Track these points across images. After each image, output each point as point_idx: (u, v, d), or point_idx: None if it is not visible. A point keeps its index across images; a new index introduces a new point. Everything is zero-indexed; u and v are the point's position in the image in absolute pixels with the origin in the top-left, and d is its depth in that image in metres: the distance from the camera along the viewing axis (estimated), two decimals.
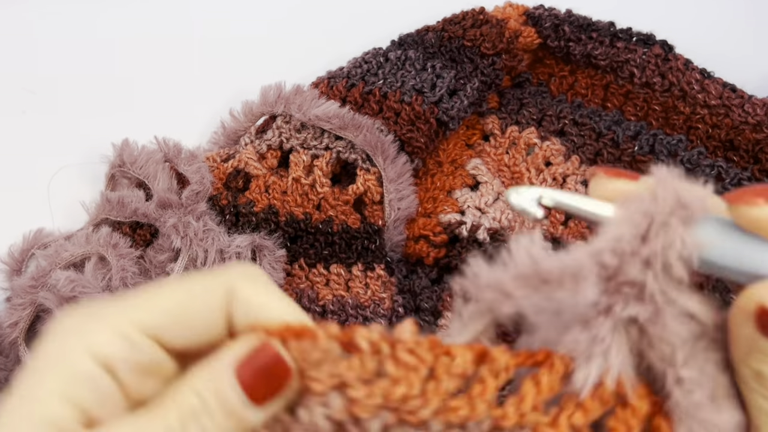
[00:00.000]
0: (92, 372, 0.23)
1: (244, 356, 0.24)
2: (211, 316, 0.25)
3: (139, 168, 0.50)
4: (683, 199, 0.24)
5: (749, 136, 0.51)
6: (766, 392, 0.25)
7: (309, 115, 0.52)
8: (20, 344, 0.44)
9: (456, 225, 0.54)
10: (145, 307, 0.24)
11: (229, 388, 0.23)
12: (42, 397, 0.22)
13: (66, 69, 0.64)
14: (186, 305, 0.25)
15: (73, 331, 0.24)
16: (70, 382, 0.23)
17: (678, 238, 0.24)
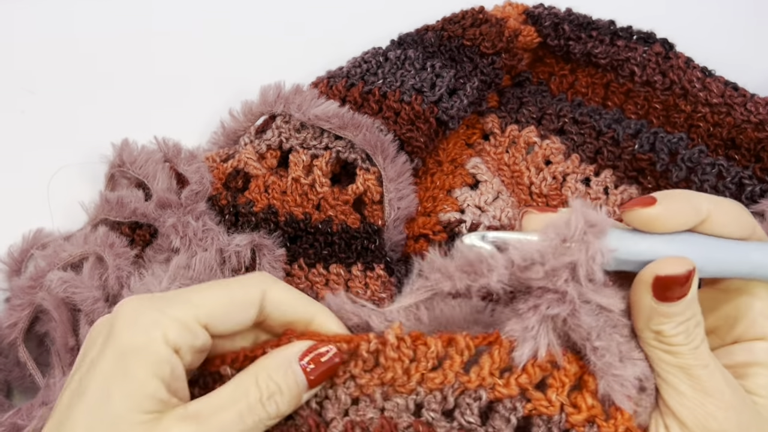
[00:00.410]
0: (170, 356, 0.32)
1: (307, 351, 0.34)
2: (247, 313, 0.34)
3: (138, 168, 0.50)
4: (591, 220, 0.33)
5: (751, 135, 0.51)
6: (665, 346, 0.34)
7: (308, 115, 0.52)
8: (19, 345, 0.44)
9: (456, 224, 0.54)
10: (201, 304, 0.33)
11: (296, 375, 0.33)
12: (140, 377, 0.30)
13: (65, 69, 0.64)
14: (230, 302, 0.34)
15: (153, 324, 0.32)
16: (156, 363, 0.31)
17: (596, 248, 0.32)
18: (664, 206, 0.34)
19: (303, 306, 0.36)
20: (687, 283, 0.33)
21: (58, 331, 0.43)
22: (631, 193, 0.54)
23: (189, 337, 0.32)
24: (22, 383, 0.46)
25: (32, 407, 0.42)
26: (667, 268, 0.33)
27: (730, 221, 0.35)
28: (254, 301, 0.34)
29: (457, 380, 0.34)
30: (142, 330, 0.31)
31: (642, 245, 0.35)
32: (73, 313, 0.43)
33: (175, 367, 0.32)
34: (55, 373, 0.43)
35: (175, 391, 0.32)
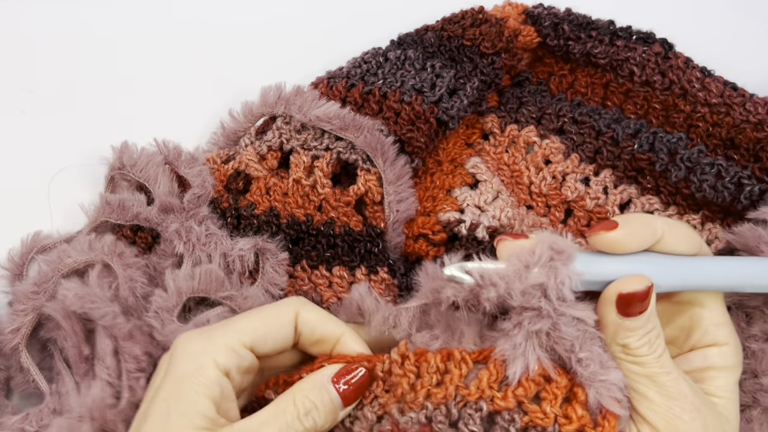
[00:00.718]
0: (219, 378, 0.36)
1: (338, 373, 0.39)
2: (285, 332, 0.40)
3: (139, 171, 0.50)
4: (558, 247, 0.37)
5: (750, 135, 0.51)
6: (632, 358, 0.38)
7: (309, 116, 0.52)
8: (22, 350, 0.44)
9: (455, 223, 0.54)
10: (243, 330, 0.38)
11: (330, 394, 0.38)
12: (193, 398, 0.35)
13: (65, 70, 0.64)
14: (268, 324, 0.39)
15: (203, 351, 0.37)
16: (207, 386, 0.36)
17: (564, 273, 0.36)
18: (624, 230, 0.38)
19: (331, 325, 0.41)
20: (646, 299, 0.38)
21: (69, 341, 0.43)
22: (630, 193, 0.54)
23: (236, 359, 0.38)
24: (25, 389, 0.46)
25: (41, 413, 0.42)
26: (628, 286, 0.37)
27: (681, 239, 0.40)
28: (289, 321, 0.40)
29: (458, 393, 0.37)
30: (194, 357, 0.37)
31: (605, 267, 0.39)
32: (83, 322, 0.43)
33: (225, 388, 0.37)
34: (65, 381, 0.43)
35: (225, 411, 0.37)
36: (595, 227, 0.39)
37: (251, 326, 0.39)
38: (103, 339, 0.42)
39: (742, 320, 0.45)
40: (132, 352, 0.42)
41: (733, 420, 0.40)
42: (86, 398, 0.41)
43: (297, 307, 0.40)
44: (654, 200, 0.54)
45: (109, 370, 0.42)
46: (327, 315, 0.42)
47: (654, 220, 0.39)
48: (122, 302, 0.44)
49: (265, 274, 0.47)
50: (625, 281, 0.38)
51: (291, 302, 0.41)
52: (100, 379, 0.41)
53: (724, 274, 0.40)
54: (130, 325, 0.43)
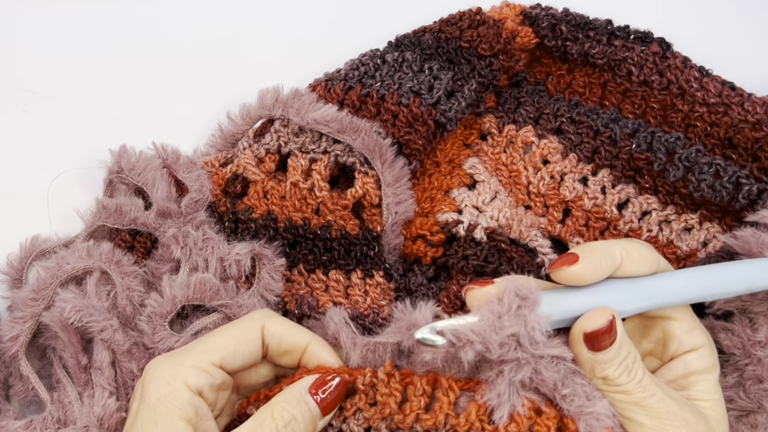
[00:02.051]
0: (192, 398, 0.37)
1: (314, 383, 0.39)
2: (252, 346, 0.41)
3: (137, 175, 0.50)
4: (522, 293, 0.37)
5: (748, 135, 0.51)
6: (615, 388, 0.39)
7: (307, 119, 0.52)
8: (21, 358, 0.44)
9: (453, 224, 0.54)
10: (211, 349, 0.39)
11: (308, 404, 0.39)
12: (168, 422, 0.36)
13: (63, 74, 0.64)
14: (236, 342, 0.40)
15: (173, 375, 0.37)
16: (181, 408, 0.37)
17: (533, 319, 0.37)
18: (586, 262, 0.39)
19: (297, 335, 0.42)
20: (611, 331, 0.38)
21: (68, 351, 0.43)
22: (628, 193, 0.54)
23: (207, 378, 0.38)
24: (24, 396, 0.46)
25: (44, 422, 0.42)
26: (590, 324, 0.38)
27: (639, 262, 0.40)
28: (256, 336, 0.41)
29: (447, 422, 0.38)
30: (165, 382, 0.37)
31: (570, 302, 0.39)
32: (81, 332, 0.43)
33: (199, 408, 0.38)
34: (68, 391, 0.43)
35: (204, 431, 0.38)
36: (557, 262, 0.39)
37: (219, 344, 0.40)
38: (101, 351, 0.42)
39: (747, 326, 0.45)
40: (129, 367, 0.43)
41: (721, 420, 0.41)
42: (94, 408, 0.42)
43: (263, 320, 0.41)
44: (652, 200, 0.54)
45: (109, 380, 0.43)
46: (293, 326, 0.42)
47: (612, 247, 0.40)
48: (120, 312, 0.44)
49: (261, 280, 0.47)
50: (587, 319, 0.38)
51: (256, 316, 0.42)
52: (101, 388, 0.42)
53: (685, 288, 0.41)
54: (130, 342, 0.44)
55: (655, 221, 0.54)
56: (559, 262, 0.39)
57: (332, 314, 0.43)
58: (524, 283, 0.38)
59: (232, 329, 0.41)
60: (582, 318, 0.39)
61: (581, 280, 0.39)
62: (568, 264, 0.39)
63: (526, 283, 0.38)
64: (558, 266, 0.39)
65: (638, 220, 0.54)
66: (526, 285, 0.38)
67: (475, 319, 0.38)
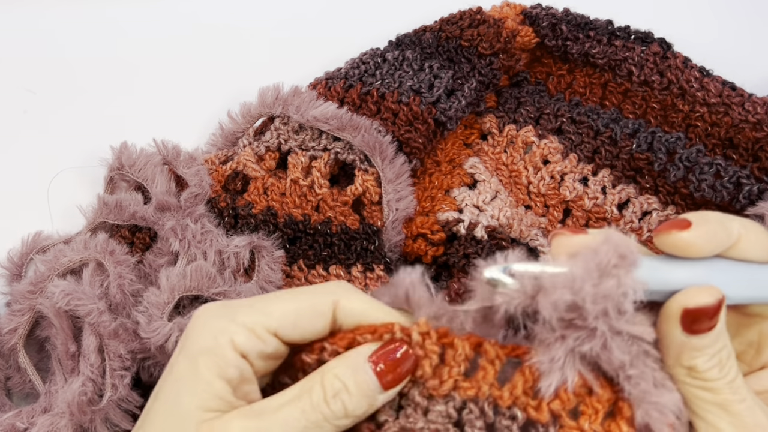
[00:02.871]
0: (236, 360, 0.33)
1: (377, 351, 0.33)
2: (318, 320, 0.34)
3: (137, 171, 0.50)
4: (622, 251, 0.31)
5: (749, 135, 0.51)
6: (700, 383, 0.33)
7: (307, 117, 0.52)
8: (19, 350, 0.44)
9: (454, 223, 0.54)
10: (269, 312, 0.34)
11: (366, 374, 0.33)
12: (207, 378, 0.32)
13: (63, 73, 0.64)
14: (299, 312, 0.34)
15: (221, 330, 0.33)
16: (222, 367, 0.32)
17: (627, 283, 0.31)
18: (700, 230, 0.33)
19: (379, 315, 0.35)
20: (717, 314, 0.32)
21: (59, 338, 0.43)
22: (628, 193, 0.54)
23: (257, 343, 0.34)
24: (22, 389, 0.46)
25: (33, 411, 0.42)
26: (695, 299, 0.32)
27: (757, 245, 0.34)
28: (326, 311, 0.35)
29: (491, 394, 0.33)
30: (211, 335, 0.33)
31: (671, 274, 0.33)
32: (73, 320, 0.43)
33: (244, 371, 0.33)
34: (57, 380, 0.42)
35: (245, 395, 0.34)
36: (666, 225, 0.33)
37: (280, 310, 0.34)
38: (88, 336, 0.41)
39: None
40: (116, 351, 0.42)
41: None
42: (66, 394, 0.40)
43: (337, 295, 0.35)
44: (652, 200, 0.54)
45: (93, 367, 0.41)
46: (375, 304, 0.36)
47: (730, 221, 0.34)
48: (111, 300, 0.44)
49: (261, 271, 0.47)
50: (692, 293, 0.32)
51: (331, 289, 0.36)
52: (82, 375, 0.41)
53: None
54: (116, 323, 0.43)
55: (655, 221, 0.54)
56: (668, 225, 0.33)
57: (409, 272, 0.36)
58: (624, 240, 0.32)
59: (299, 297, 0.35)
60: (685, 291, 0.32)
61: (690, 249, 0.33)
62: (679, 228, 0.33)
63: (626, 240, 0.32)
64: (666, 229, 0.33)
65: (639, 220, 0.54)
66: (625, 242, 0.32)
67: (563, 270, 0.32)
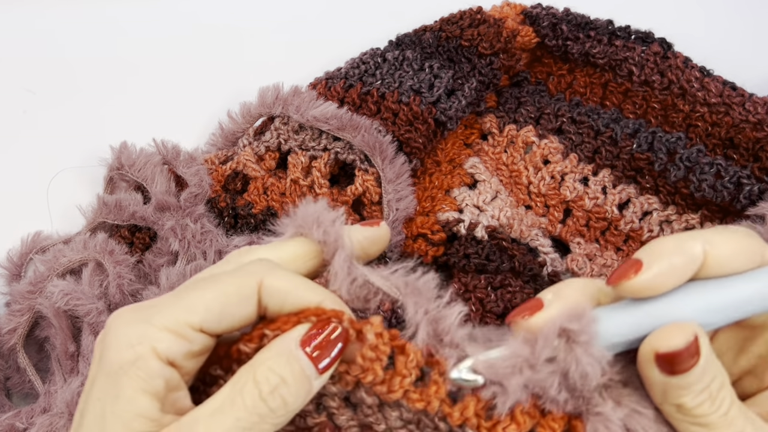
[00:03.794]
0: (161, 369, 0.29)
1: (309, 334, 0.30)
2: (244, 307, 0.31)
3: (137, 171, 0.50)
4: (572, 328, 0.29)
5: (749, 135, 0.51)
6: (692, 419, 0.30)
7: (307, 116, 0.52)
8: (19, 350, 0.44)
9: (454, 223, 0.53)
10: (191, 307, 0.30)
11: (300, 362, 0.30)
12: (130, 397, 0.28)
13: (63, 73, 0.64)
14: (224, 301, 0.30)
15: (138, 338, 0.29)
16: (147, 380, 0.29)
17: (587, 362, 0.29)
18: (654, 268, 0.30)
19: (306, 293, 0.32)
20: (695, 352, 0.29)
21: (58, 338, 0.42)
22: (629, 193, 0.54)
23: (182, 344, 0.30)
24: (21, 389, 0.46)
25: (33, 411, 0.42)
26: (665, 342, 0.29)
27: (732, 256, 0.31)
28: (250, 294, 0.31)
29: (440, 410, 0.31)
30: (128, 346, 0.29)
31: (639, 319, 0.31)
32: (72, 320, 0.43)
33: (171, 379, 0.30)
34: (56, 380, 0.42)
35: (173, 403, 0.30)
36: (617, 274, 0.31)
37: (202, 302, 0.30)
38: (87, 336, 0.41)
39: None
40: None
41: None
42: (65, 394, 0.40)
43: (260, 275, 0.31)
44: (653, 200, 0.54)
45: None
46: (300, 281, 0.32)
47: (690, 243, 0.30)
48: (110, 299, 0.44)
49: None
50: (661, 336, 0.30)
51: (253, 269, 0.32)
52: (81, 375, 0.41)
53: None
54: None
55: (656, 221, 0.54)
56: (619, 273, 0.31)
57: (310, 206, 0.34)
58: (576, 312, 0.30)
59: (221, 283, 0.31)
60: (654, 334, 0.30)
61: (650, 291, 0.30)
62: (631, 274, 0.30)
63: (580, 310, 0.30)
64: (617, 279, 0.30)
65: (639, 220, 0.54)
66: (578, 315, 0.30)
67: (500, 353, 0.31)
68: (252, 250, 0.34)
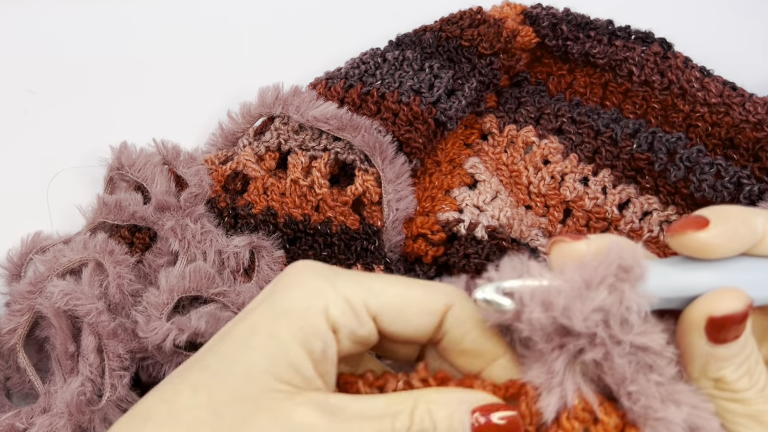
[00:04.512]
0: (325, 330, 0.28)
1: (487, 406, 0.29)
2: (425, 321, 0.30)
3: (137, 171, 0.50)
4: (625, 263, 0.28)
5: (749, 135, 0.51)
6: (729, 394, 0.30)
7: (307, 117, 0.52)
8: (19, 350, 0.44)
9: (454, 223, 0.53)
10: (376, 293, 0.30)
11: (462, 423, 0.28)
12: (286, 343, 0.28)
13: (63, 72, 0.64)
14: (407, 301, 0.30)
15: (316, 292, 0.29)
16: (307, 333, 0.28)
17: (632, 299, 0.28)
18: (719, 229, 0.29)
19: (493, 341, 0.31)
20: (744, 320, 0.29)
21: (58, 338, 0.42)
22: (629, 193, 0.54)
23: (352, 321, 0.29)
24: (21, 389, 0.46)
25: (32, 412, 0.41)
26: (721, 306, 0.29)
27: None
28: (435, 311, 0.30)
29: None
30: (304, 294, 0.29)
31: (688, 278, 0.30)
32: (72, 320, 0.43)
33: (328, 347, 0.29)
34: (56, 380, 0.42)
35: (322, 374, 0.29)
36: (680, 224, 0.30)
37: (387, 294, 0.30)
38: (87, 336, 0.41)
39: None
40: (115, 351, 0.41)
41: None
42: (65, 394, 0.40)
43: (452, 299, 0.31)
44: (653, 200, 0.54)
45: (92, 367, 0.41)
46: (483, 323, 0.31)
47: (754, 217, 0.30)
48: (110, 299, 0.44)
49: (261, 272, 0.47)
50: (716, 299, 0.29)
51: (447, 290, 0.31)
52: (81, 375, 0.41)
53: None
54: (115, 323, 0.42)
55: (656, 221, 0.54)
56: (683, 224, 0.29)
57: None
58: (629, 249, 0.29)
59: (410, 286, 0.31)
60: (709, 297, 0.29)
61: (709, 251, 0.29)
62: (696, 228, 0.29)
63: (631, 249, 0.29)
64: (680, 229, 0.29)
65: (639, 220, 0.54)
66: (631, 252, 0.29)
67: (558, 282, 0.29)
68: None
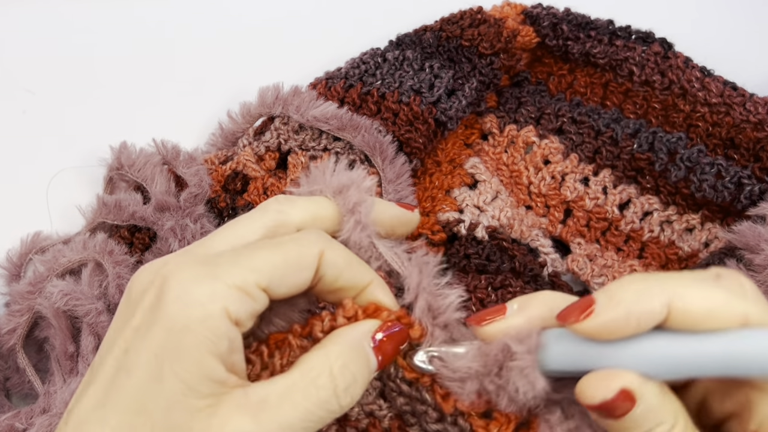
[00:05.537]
0: (229, 330, 0.28)
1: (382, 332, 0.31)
2: (304, 274, 0.31)
3: (137, 171, 0.50)
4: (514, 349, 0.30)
5: (750, 135, 0.51)
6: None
7: (307, 116, 0.52)
8: (18, 351, 0.44)
9: (454, 223, 0.53)
10: (260, 268, 0.30)
11: (368, 359, 0.31)
12: (196, 358, 0.27)
13: (62, 72, 0.64)
14: (287, 263, 0.30)
15: (210, 296, 0.28)
16: (214, 340, 0.28)
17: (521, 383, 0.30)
18: (603, 317, 0.28)
19: (360, 271, 0.33)
20: (625, 399, 0.28)
21: (58, 338, 0.42)
22: (629, 193, 0.54)
23: (250, 304, 0.29)
24: (20, 389, 0.46)
25: (32, 412, 0.41)
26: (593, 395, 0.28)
27: (703, 314, 0.28)
28: (311, 263, 0.31)
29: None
30: (198, 304, 0.28)
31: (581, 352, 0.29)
32: (72, 320, 0.43)
33: (234, 340, 0.29)
34: (55, 380, 0.42)
35: (232, 365, 0.29)
36: (566, 312, 0.29)
37: (269, 263, 0.30)
38: (86, 336, 0.41)
39: None
40: None
41: None
42: (64, 394, 0.40)
43: (322, 246, 0.32)
44: (653, 200, 0.54)
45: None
46: (354, 258, 0.33)
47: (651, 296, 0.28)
48: (110, 300, 0.44)
49: None
50: (588, 386, 0.28)
51: (314, 238, 0.32)
52: (81, 375, 0.41)
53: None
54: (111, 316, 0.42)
55: (656, 222, 0.53)
56: (569, 311, 0.29)
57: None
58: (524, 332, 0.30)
59: (285, 248, 0.31)
60: (581, 382, 0.29)
61: (596, 337, 0.29)
62: (577, 317, 0.28)
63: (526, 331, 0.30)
64: (564, 318, 0.29)
65: (639, 220, 0.54)
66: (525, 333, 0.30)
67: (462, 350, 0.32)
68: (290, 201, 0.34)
